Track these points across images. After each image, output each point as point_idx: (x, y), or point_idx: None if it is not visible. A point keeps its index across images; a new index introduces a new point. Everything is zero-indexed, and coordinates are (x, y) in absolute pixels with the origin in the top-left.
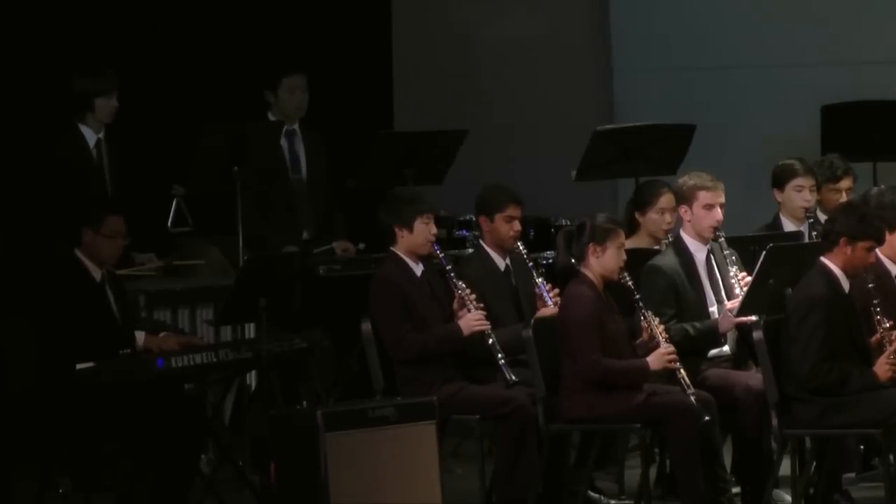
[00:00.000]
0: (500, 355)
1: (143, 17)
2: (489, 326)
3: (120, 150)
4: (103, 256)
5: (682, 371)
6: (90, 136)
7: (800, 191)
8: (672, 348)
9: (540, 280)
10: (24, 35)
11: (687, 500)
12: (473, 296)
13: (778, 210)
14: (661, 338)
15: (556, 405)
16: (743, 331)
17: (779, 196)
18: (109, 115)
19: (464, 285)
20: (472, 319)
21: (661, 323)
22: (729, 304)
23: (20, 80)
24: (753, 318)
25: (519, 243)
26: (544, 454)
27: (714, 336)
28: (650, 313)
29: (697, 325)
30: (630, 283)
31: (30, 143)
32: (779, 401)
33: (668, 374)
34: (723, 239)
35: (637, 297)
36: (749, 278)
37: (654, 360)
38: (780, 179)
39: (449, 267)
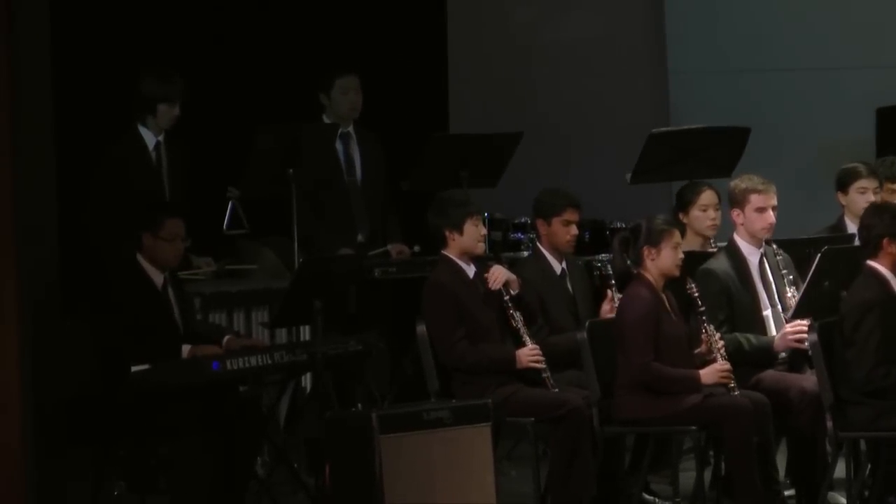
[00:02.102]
0: (550, 382)
1: (202, 21)
2: (544, 364)
3: (181, 154)
4: (163, 260)
5: (733, 384)
6: (150, 138)
7: (863, 192)
8: (728, 366)
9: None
10: (84, 37)
11: (742, 501)
12: (511, 294)
13: (842, 212)
14: (718, 353)
15: (610, 407)
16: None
17: (843, 199)
18: (169, 122)
19: (520, 316)
20: (528, 355)
21: (715, 330)
22: (789, 328)
23: (81, 80)
24: (805, 327)
25: None
26: (599, 457)
27: (768, 354)
28: (712, 327)
29: (753, 340)
30: (697, 293)
31: (88, 145)
32: (833, 403)
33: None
34: (774, 245)
35: (702, 308)
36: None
37: (708, 375)
38: (844, 182)
39: (507, 298)
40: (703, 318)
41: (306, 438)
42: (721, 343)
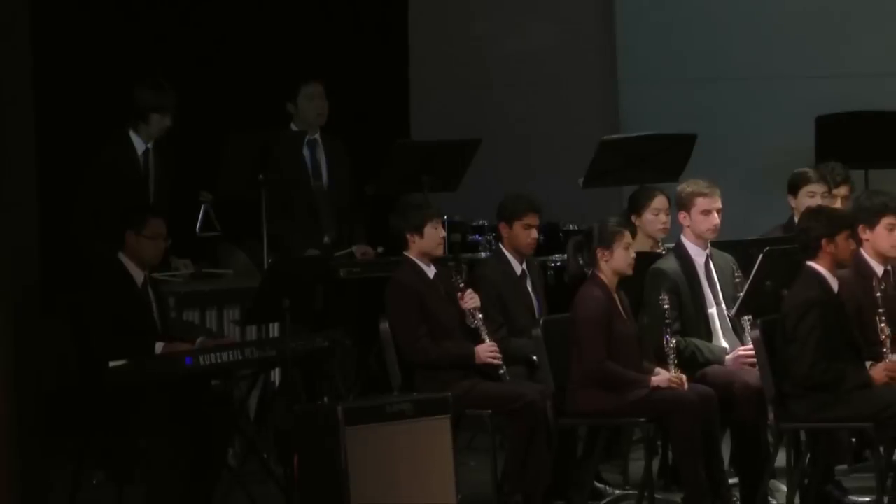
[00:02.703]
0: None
1: (175, 32)
2: (501, 362)
3: (167, 162)
4: (146, 258)
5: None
6: (139, 144)
7: (812, 196)
8: (682, 378)
9: None
10: (66, 42)
11: (689, 490)
12: (480, 316)
13: (792, 213)
14: (673, 364)
15: (564, 401)
16: (740, 332)
17: (793, 201)
18: (160, 131)
19: (480, 316)
20: (487, 351)
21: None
22: (742, 351)
23: (62, 82)
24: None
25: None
26: (553, 447)
27: (719, 364)
28: (673, 341)
29: (707, 353)
30: (667, 306)
31: (69, 147)
32: (775, 396)
33: None
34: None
35: (668, 321)
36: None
37: (660, 381)
38: (795, 185)
39: (462, 285)
40: (668, 330)
41: (276, 430)
42: (674, 353)
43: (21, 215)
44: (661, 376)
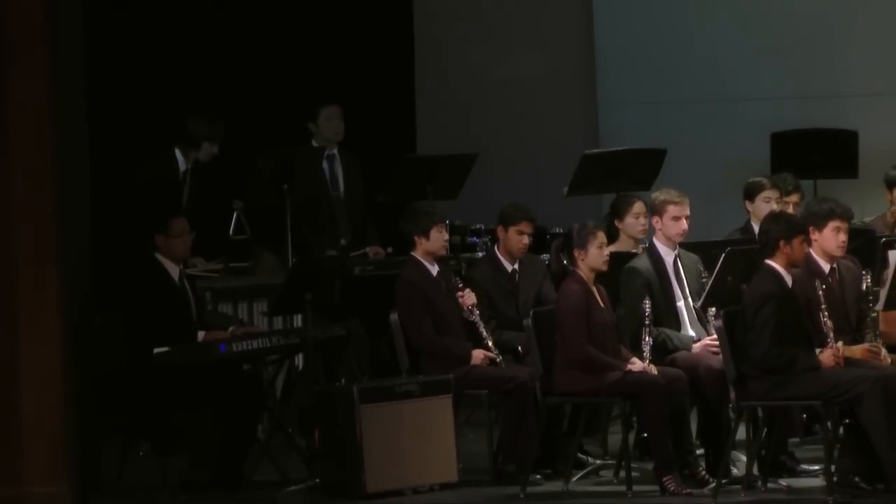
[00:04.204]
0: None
1: (208, 60)
2: (499, 358)
3: (202, 182)
4: (177, 253)
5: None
6: (182, 163)
7: (767, 202)
8: (653, 368)
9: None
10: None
11: (658, 460)
12: (478, 312)
13: (748, 217)
14: (647, 355)
15: (550, 382)
16: (705, 322)
17: (749, 206)
18: (208, 158)
19: (479, 318)
20: (480, 358)
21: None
22: (708, 340)
23: (114, 104)
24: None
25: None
26: (541, 423)
27: (687, 351)
28: (649, 337)
29: (676, 341)
30: (648, 311)
31: (119, 161)
32: (736, 378)
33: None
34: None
35: (647, 322)
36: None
37: (635, 367)
38: (751, 192)
39: (461, 285)
40: (648, 326)
41: (299, 408)
42: (650, 348)
43: (76, 221)
44: (637, 363)
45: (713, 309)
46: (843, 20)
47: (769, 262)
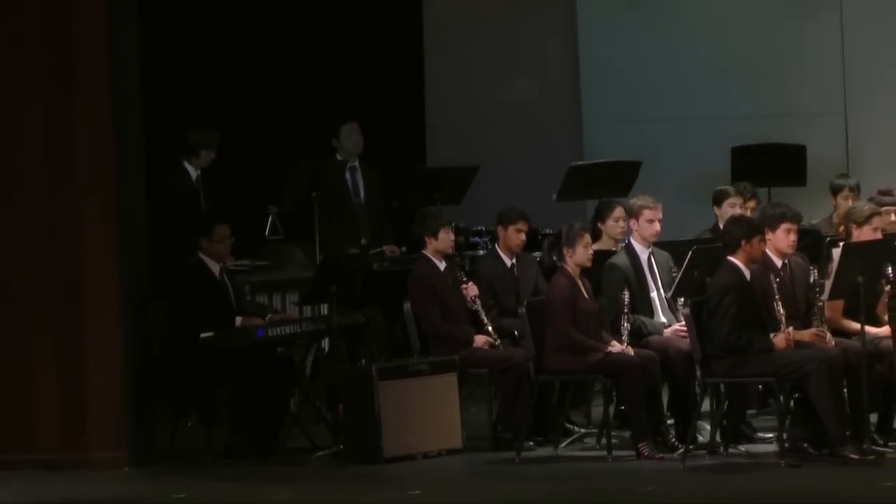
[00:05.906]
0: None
1: (244, 82)
2: (498, 343)
3: (212, 186)
4: (219, 254)
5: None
6: (193, 172)
7: (732, 207)
8: (630, 350)
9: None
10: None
11: (634, 429)
12: (479, 302)
13: (716, 220)
14: (625, 339)
15: (542, 362)
16: (675, 310)
17: (717, 211)
18: (207, 163)
19: (481, 307)
20: (484, 340)
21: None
22: (678, 326)
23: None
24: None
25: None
26: (534, 397)
27: (659, 335)
28: (627, 323)
29: (650, 326)
30: (627, 301)
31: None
32: (701, 358)
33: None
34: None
35: (626, 311)
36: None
37: (614, 349)
38: (719, 198)
39: (465, 278)
40: (626, 316)
41: (325, 384)
42: (627, 333)
43: (134, 226)
44: (616, 345)
45: (682, 299)
46: (793, 49)
47: (730, 258)
